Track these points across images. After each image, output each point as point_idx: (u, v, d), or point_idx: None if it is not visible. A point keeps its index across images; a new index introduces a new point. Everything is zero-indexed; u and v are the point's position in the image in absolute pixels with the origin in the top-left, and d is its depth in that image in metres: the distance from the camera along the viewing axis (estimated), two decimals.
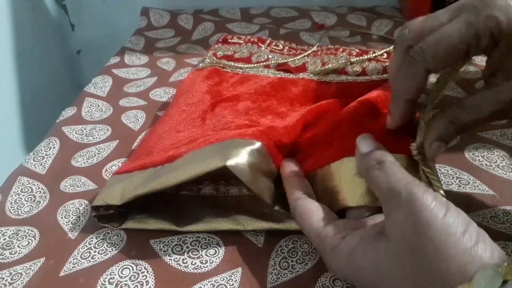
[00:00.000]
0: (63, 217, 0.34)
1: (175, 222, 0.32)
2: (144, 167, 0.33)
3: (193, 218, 0.32)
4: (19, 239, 0.32)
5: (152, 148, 0.36)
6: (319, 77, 0.45)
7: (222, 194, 0.34)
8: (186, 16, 0.72)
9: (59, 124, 0.46)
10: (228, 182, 0.34)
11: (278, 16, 0.74)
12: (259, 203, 0.32)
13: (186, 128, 0.38)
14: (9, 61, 0.71)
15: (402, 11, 0.74)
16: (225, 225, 0.31)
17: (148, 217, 0.32)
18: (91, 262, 0.30)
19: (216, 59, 0.48)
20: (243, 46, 0.51)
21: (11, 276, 0.29)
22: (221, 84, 0.45)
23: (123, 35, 0.74)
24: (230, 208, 0.33)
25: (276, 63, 0.48)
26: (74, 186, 0.37)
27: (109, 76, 0.56)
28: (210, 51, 0.51)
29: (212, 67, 0.47)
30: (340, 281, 0.28)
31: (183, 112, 0.40)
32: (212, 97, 0.42)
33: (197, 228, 0.31)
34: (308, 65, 0.47)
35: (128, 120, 0.46)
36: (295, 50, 0.51)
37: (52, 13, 0.86)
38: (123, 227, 0.32)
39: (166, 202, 0.33)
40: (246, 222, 0.31)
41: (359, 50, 0.48)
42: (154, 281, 0.28)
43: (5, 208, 0.35)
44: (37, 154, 0.41)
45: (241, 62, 0.48)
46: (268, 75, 0.46)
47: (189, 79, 0.46)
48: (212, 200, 0.34)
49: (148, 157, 0.34)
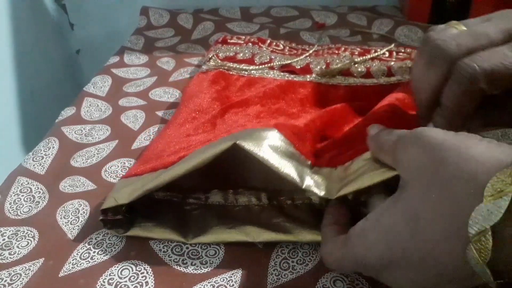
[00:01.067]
0: (63, 217, 0.34)
1: (182, 233, 0.31)
2: (154, 169, 0.32)
3: (200, 229, 0.31)
4: (18, 239, 0.32)
5: (161, 152, 0.35)
6: (326, 80, 0.44)
7: (231, 203, 0.33)
8: (186, 16, 0.72)
9: (58, 124, 0.46)
10: (237, 191, 0.33)
11: (278, 16, 0.74)
12: (269, 213, 0.32)
13: (197, 132, 0.37)
14: (8, 60, 0.71)
15: (403, 11, 0.73)
16: (233, 236, 0.30)
17: (155, 225, 0.31)
18: (90, 262, 0.30)
19: (220, 61, 0.48)
20: (244, 46, 0.51)
21: (10, 276, 0.29)
22: (228, 89, 0.44)
23: (122, 34, 0.74)
24: (239, 218, 0.32)
25: (280, 64, 0.47)
26: (73, 186, 0.37)
27: (109, 75, 0.56)
28: (211, 52, 0.50)
29: (217, 69, 0.46)
30: (341, 281, 0.28)
31: (193, 119, 0.39)
32: (221, 103, 0.41)
33: (205, 240, 0.31)
34: (312, 65, 0.47)
35: (128, 120, 0.46)
36: (296, 50, 0.51)
37: (51, 12, 0.85)
38: (128, 234, 0.31)
39: (173, 210, 0.33)
40: (256, 233, 0.30)
41: (361, 49, 0.48)
42: (153, 282, 0.28)
43: (4, 209, 0.35)
44: (36, 154, 0.41)
45: (245, 64, 0.48)
46: (275, 77, 0.45)
47: (195, 83, 0.45)
48: (220, 209, 0.33)
49: (159, 160, 0.33)
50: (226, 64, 0.47)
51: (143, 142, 0.42)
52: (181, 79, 0.54)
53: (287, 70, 0.47)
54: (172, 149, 0.35)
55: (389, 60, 0.47)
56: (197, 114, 0.40)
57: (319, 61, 0.47)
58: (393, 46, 0.49)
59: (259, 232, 0.30)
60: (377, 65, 0.45)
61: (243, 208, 0.33)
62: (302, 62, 0.48)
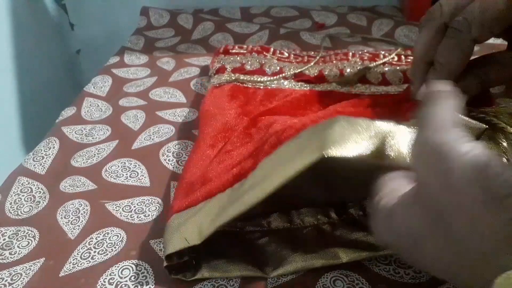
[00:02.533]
0: (63, 217, 0.34)
1: (258, 267, 0.28)
2: (209, 195, 0.29)
3: (276, 259, 0.28)
4: (18, 239, 0.32)
5: (205, 174, 0.32)
6: (348, 89, 0.43)
7: (297, 225, 0.30)
8: (186, 16, 0.72)
9: (59, 124, 0.46)
10: (299, 211, 0.31)
11: (278, 16, 0.74)
12: (343, 229, 0.29)
13: (235, 146, 0.35)
14: (8, 60, 0.71)
15: (403, 11, 0.73)
16: (318, 262, 0.28)
17: (226, 263, 0.28)
18: (91, 262, 0.30)
19: (233, 74, 0.46)
20: (248, 56, 0.49)
21: (11, 276, 0.29)
22: (250, 103, 0.42)
23: (122, 34, 0.74)
24: (313, 241, 0.29)
25: (292, 73, 0.46)
26: (73, 186, 0.37)
27: (109, 76, 0.56)
28: (214, 63, 0.49)
29: (230, 83, 0.45)
30: (341, 281, 0.28)
31: (224, 137, 0.37)
32: (248, 117, 0.39)
33: (287, 270, 0.28)
34: (325, 73, 0.46)
35: (128, 120, 0.46)
36: (301, 57, 0.51)
37: (51, 12, 0.85)
38: (198, 277, 0.28)
39: (232, 241, 0.29)
40: (342, 254, 0.28)
41: (370, 54, 0.48)
42: (154, 282, 0.28)
43: (4, 208, 0.35)
44: (36, 154, 0.41)
45: (256, 75, 0.46)
46: (292, 87, 0.44)
47: (211, 100, 0.42)
48: (287, 233, 0.30)
49: (208, 184, 0.30)
50: (240, 77, 0.45)
51: (143, 142, 0.42)
52: (181, 79, 0.54)
53: (302, 80, 0.46)
54: (217, 169, 0.32)
55: (400, 64, 0.46)
56: (227, 133, 0.37)
57: (331, 68, 0.47)
58: (400, 50, 0.49)
59: (346, 252, 0.28)
60: (391, 71, 0.45)
61: (313, 229, 0.30)
62: (314, 70, 0.47)
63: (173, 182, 0.37)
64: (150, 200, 0.35)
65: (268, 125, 0.35)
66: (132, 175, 0.38)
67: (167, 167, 0.39)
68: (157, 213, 0.34)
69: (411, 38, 0.63)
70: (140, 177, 0.38)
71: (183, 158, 0.40)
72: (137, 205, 0.35)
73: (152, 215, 0.34)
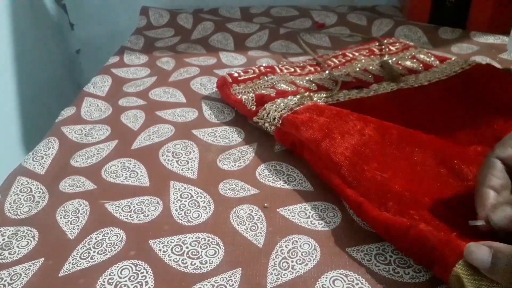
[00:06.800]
0: (62, 217, 0.34)
1: None
2: None
3: None
4: (18, 239, 0.32)
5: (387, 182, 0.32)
6: (399, 85, 0.46)
7: None
8: (185, 16, 0.72)
9: (58, 124, 0.46)
10: None
11: (278, 16, 0.74)
12: None
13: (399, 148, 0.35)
14: (8, 60, 0.71)
15: (403, 11, 0.73)
16: None
17: None
18: (90, 262, 0.30)
19: (304, 92, 0.45)
20: (264, 79, 0.48)
21: (10, 276, 0.29)
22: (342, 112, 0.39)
23: (122, 34, 0.74)
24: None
25: (339, 85, 0.46)
26: (73, 186, 0.37)
27: (109, 75, 0.56)
28: (237, 95, 0.46)
29: (302, 104, 0.41)
30: (341, 281, 0.28)
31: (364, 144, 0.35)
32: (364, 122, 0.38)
33: None
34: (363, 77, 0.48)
35: (128, 120, 0.46)
36: (313, 66, 0.51)
37: (51, 12, 0.85)
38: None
39: None
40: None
41: (367, 50, 0.51)
42: (153, 282, 0.28)
43: (4, 208, 0.35)
44: (36, 154, 0.41)
45: (312, 92, 0.45)
46: (362, 95, 0.45)
47: (306, 127, 0.37)
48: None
49: None
50: (310, 95, 0.44)
51: (143, 142, 0.42)
52: (181, 79, 0.54)
53: (354, 86, 0.46)
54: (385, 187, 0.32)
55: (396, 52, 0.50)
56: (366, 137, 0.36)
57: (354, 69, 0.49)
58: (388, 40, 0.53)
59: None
60: (410, 62, 0.49)
61: None
62: (354, 74, 0.48)
63: (173, 182, 0.37)
64: (149, 200, 0.35)
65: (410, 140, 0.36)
66: (131, 175, 0.38)
67: (167, 167, 0.39)
68: (157, 213, 0.34)
69: (411, 38, 0.63)
70: (140, 177, 0.38)
71: (183, 158, 0.40)
72: (137, 205, 0.35)
73: (151, 215, 0.34)
